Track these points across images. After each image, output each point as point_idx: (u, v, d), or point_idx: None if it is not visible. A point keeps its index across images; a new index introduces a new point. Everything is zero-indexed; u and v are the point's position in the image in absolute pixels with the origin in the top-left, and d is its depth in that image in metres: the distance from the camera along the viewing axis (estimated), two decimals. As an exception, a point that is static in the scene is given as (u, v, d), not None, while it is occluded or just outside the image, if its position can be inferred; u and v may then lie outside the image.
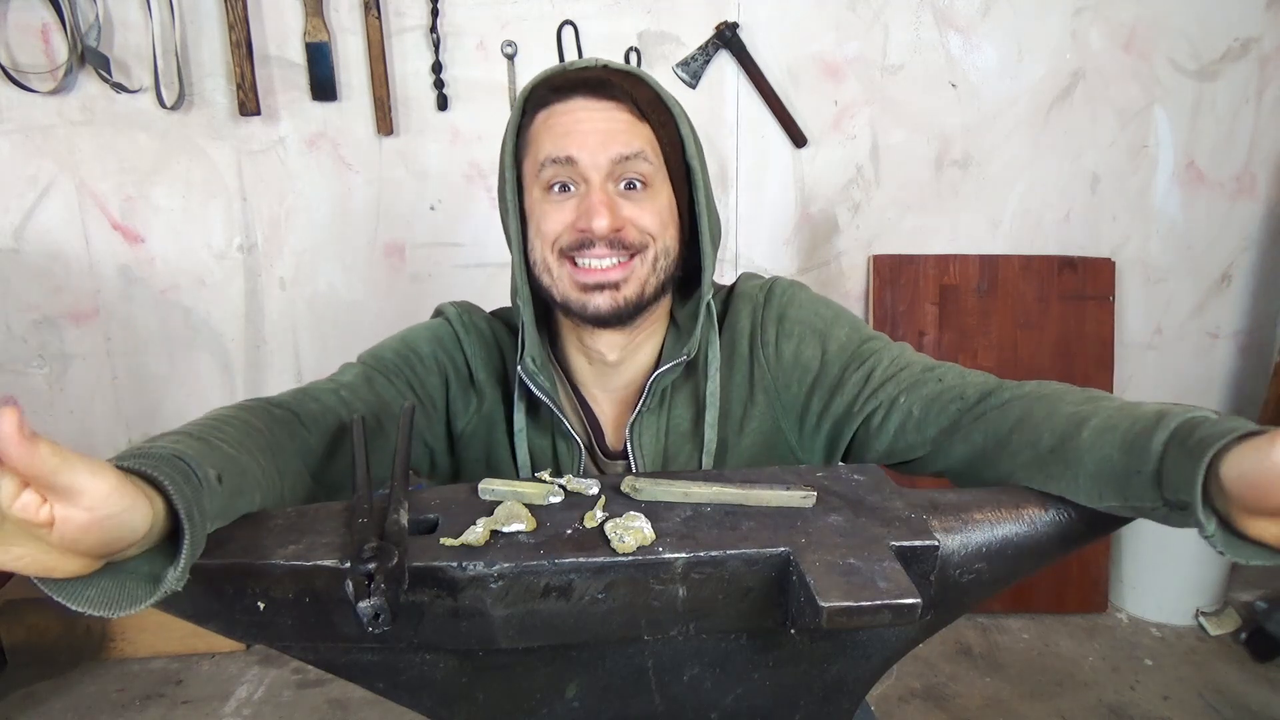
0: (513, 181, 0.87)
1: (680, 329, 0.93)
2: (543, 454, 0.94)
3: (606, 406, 0.96)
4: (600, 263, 0.84)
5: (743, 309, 0.93)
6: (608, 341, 0.90)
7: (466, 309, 0.98)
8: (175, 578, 0.50)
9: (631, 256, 0.84)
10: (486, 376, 0.95)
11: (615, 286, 0.84)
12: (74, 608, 0.49)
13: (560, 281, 0.85)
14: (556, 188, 0.84)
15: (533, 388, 0.89)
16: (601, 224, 0.81)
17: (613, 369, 0.93)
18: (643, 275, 0.85)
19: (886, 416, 0.85)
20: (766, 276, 0.97)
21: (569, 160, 0.82)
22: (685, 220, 0.90)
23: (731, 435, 0.92)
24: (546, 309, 0.93)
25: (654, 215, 0.85)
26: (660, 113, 0.85)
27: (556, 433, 0.93)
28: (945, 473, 0.83)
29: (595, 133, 0.82)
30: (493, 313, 1.01)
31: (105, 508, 0.45)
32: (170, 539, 0.52)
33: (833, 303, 0.95)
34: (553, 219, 0.84)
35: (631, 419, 0.91)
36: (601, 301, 0.84)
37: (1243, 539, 0.56)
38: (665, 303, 0.92)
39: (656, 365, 0.92)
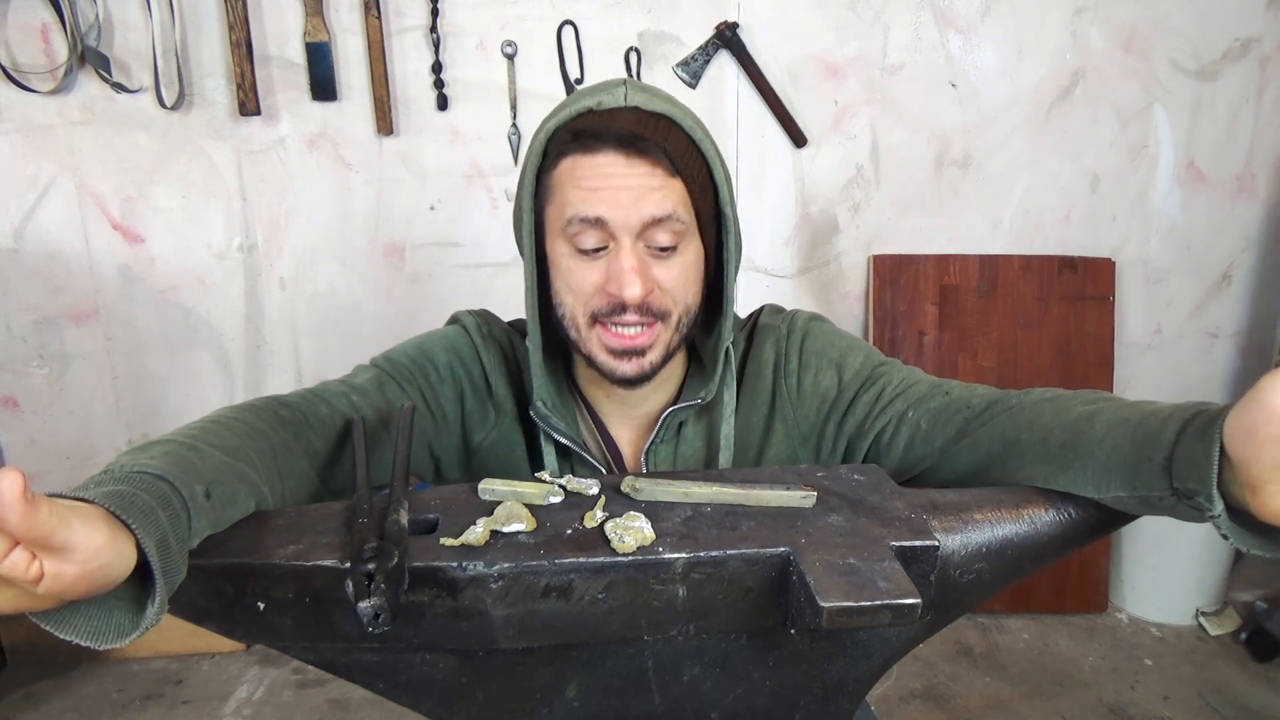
0: (530, 225, 0.84)
1: (704, 365, 0.93)
2: None
3: (624, 432, 0.95)
4: (628, 330, 0.83)
5: (766, 341, 0.95)
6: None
7: (485, 319, 0.97)
8: (154, 613, 0.51)
9: (655, 320, 0.83)
10: (505, 392, 0.93)
11: (641, 353, 0.84)
12: (61, 636, 0.50)
13: (589, 342, 0.85)
14: (586, 245, 0.81)
15: (548, 430, 0.89)
16: (634, 293, 0.79)
17: (631, 402, 0.93)
18: (666, 339, 0.85)
19: (896, 432, 0.86)
20: (788, 309, 0.99)
21: (599, 221, 0.79)
22: (711, 262, 0.88)
23: (749, 464, 0.93)
24: (559, 337, 0.92)
25: (681, 276, 0.83)
26: (693, 162, 0.81)
27: (577, 461, 0.92)
28: (953, 480, 0.83)
29: (627, 191, 0.78)
30: (510, 323, 0.99)
31: (97, 560, 0.46)
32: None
33: (849, 334, 0.97)
34: (583, 279, 0.82)
35: (647, 447, 0.92)
36: (629, 368, 0.84)
37: (1248, 528, 0.56)
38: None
39: (676, 398, 0.93)
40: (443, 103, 2.15)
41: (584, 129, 0.78)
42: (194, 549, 0.57)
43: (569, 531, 0.62)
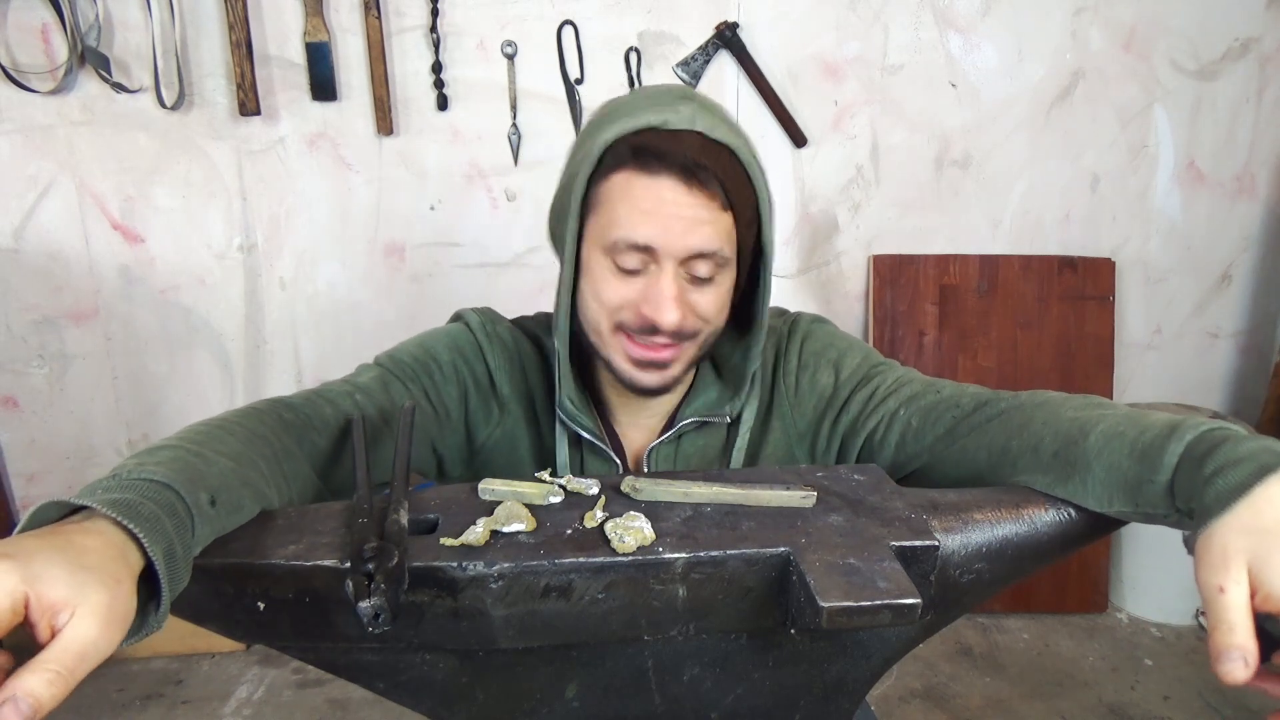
0: (574, 230, 0.82)
1: (718, 370, 0.94)
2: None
3: (631, 431, 0.96)
4: (657, 343, 0.83)
5: (767, 342, 0.95)
6: None
7: (490, 317, 0.97)
8: (157, 620, 0.51)
9: (685, 340, 0.84)
10: (510, 391, 0.93)
11: (665, 366, 0.84)
12: None
13: (610, 348, 0.85)
14: (628, 266, 0.80)
15: (576, 429, 0.90)
16: (672, 319, 0.79)
17: (643, 404, 0.93)
18: (692, 354, 0.85)
19: (888, 430, 0.87)
20: (792, 311, 1.00)
21: (647, 248, 0.78)
22: (742, 284, 0.87)
23: (747, 462, 0.94)
24: (577, 339, 0.91)
25: (714, 302, 0.83)
26: (745, 197, 0.81)
27: (588, 452, 0.93)
28: (947, 484, 0.83)
29: (680, 220, 0.77)
30: (514, 321, 0.99)
31: (109, 653, 0.47)
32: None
33: (850, 336, 0.98)
34: (615, 291, 0.81)
35: (653, 445, 0.93)
36: (651, 379, 0.84)
37: None
38: None
39: (685, 396, 0.94)
40: (443, 103, 2.15)
41: (645, 146, 0.77)
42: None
43: (569, 531, 0.62)
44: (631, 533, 0.60)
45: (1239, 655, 0.52)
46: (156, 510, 0.52)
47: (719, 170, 0.78)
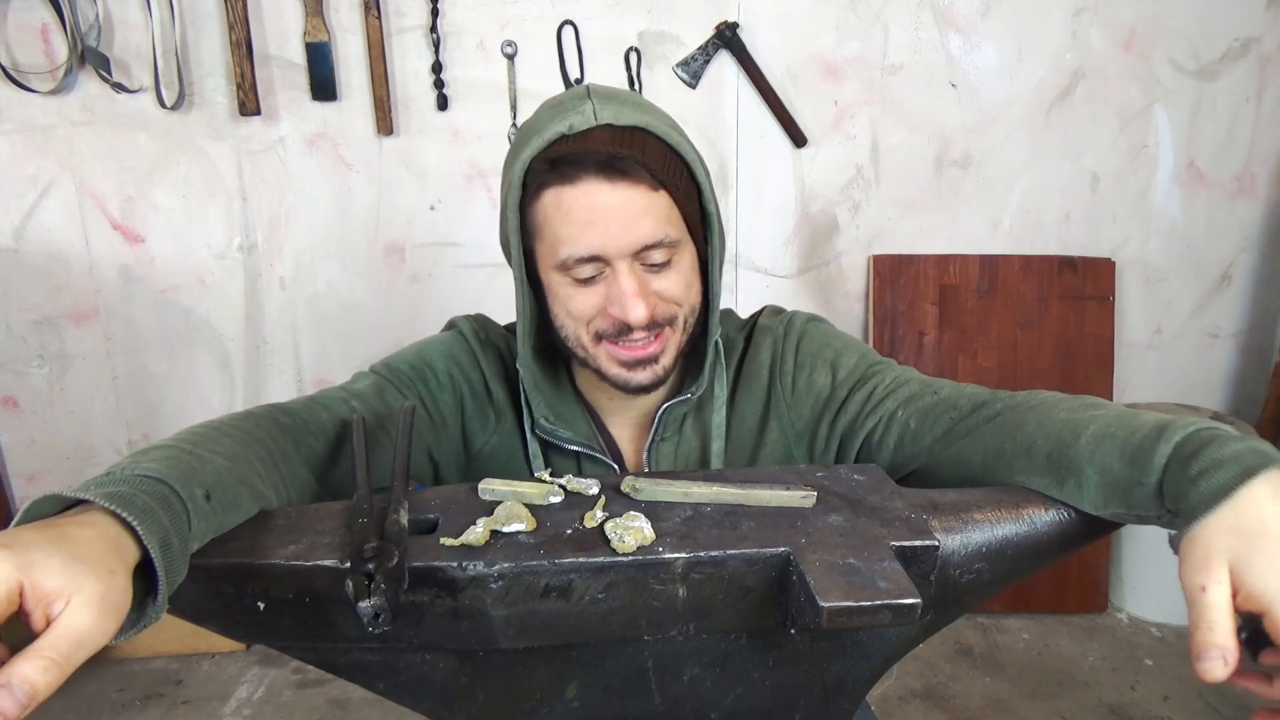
0: (519, 258, 0.83)
1: (700, 360, 0.94)
2: None
3: (623, 430, 0.96)
4: (638, 341, 0.83)
5: (763, 342, 0.95)
6: None
7: (481, 324, 0.97)
8: (155, 610, 0.52)
9: (662, 328, 0.84)
10: (505, 397, 0.94)
11: (654, 360, 0.84)
12: None
13: (598, 358, 0.85)
14: (584, 277, 0.81)
15: (558, 442, 0.90)
16: (639, 315, 0.79)
17: (628, 403, 0.94)
18: (676, 341, 0.86)
19: (886, 431, 0.86)
20: (788, 310, 1.00)
21: (594, 257, 0.79)
22: (702, 257, 0.87)
23: (744, 462, 0.94)
24: (556, 353, 0.91)
25: (679, 283, 0.83)
26: (674, 170, 0.80)
27: (585, 459, 0.93)
28: (944, 485, 0.83)
29: (616, 220, 0.77)
30: (507, 327, 0.99)
31: (104, 642, 0.47)
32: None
33: (846, 335, 0.98)
34: (583, 303, 0.82)
35: (648, 444, 0.93)
36: (643, 376, 0.85)
37: None
38: None
39: (674, 394, 0.94)
40: (443, 103, 2.15)
41: (560, 157, 0.76)
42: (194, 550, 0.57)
43: (569, 531, 0.62)
44: (631, 533, 0.60)
45: (1218, 654, 0.53)
46: (150, 503, 0.52)
47: (637, 154, 0.76)
